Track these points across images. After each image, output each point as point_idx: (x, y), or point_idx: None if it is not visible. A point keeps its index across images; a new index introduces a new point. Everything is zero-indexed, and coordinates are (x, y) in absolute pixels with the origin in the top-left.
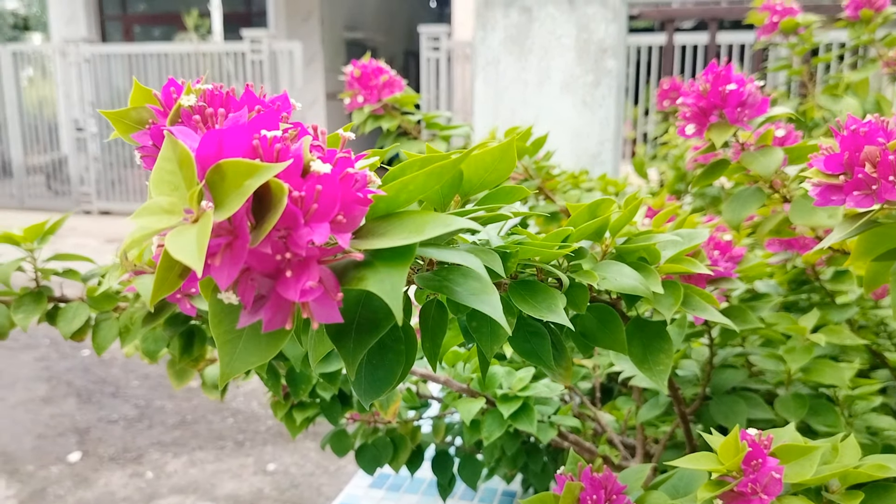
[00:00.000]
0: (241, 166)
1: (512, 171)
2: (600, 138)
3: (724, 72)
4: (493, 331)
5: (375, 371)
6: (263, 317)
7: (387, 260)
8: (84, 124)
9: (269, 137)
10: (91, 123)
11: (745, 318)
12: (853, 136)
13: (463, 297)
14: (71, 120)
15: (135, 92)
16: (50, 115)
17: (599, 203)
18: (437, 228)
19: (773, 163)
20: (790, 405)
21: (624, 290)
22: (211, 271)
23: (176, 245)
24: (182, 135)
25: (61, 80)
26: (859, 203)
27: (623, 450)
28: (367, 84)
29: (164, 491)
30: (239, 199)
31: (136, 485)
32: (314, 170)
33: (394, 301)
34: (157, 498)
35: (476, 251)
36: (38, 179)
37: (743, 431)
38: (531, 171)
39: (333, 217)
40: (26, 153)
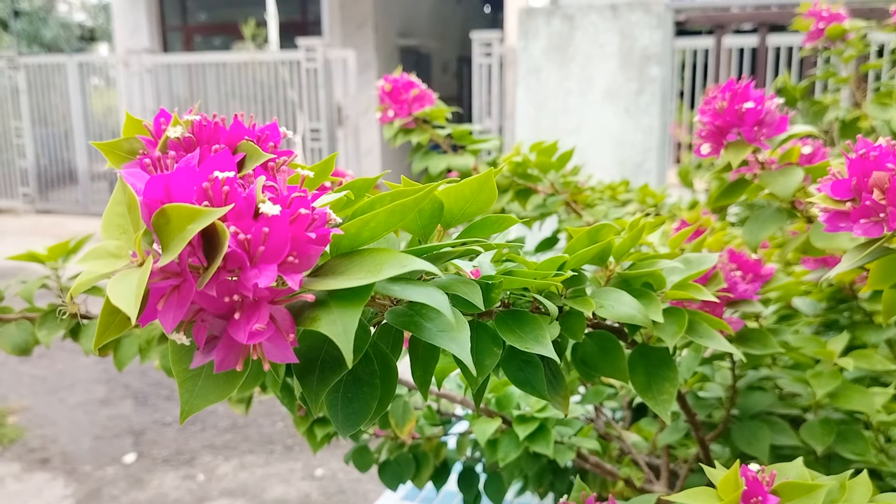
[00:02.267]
0: (184, 211)
1: (493, 202)
2: (644, 147)
3: (742, 89)
4: (479, 362)
5: (350, 404)
6: (215, 358)
7: (341, 300)
8: None
9: (221, 179)
10: None
11: (766, 342)
12: (861, 161)
13: (431, 336)
14: None
15: (126, 122)
16: (114, 123)
17: (600, 228)
18: (393, 269)
19: (793, 183)
20: (816, 432)
21: (622, 320)
22: (157, 315)
23: (116, 291)
24: (132, 177)
25: (124, 90)
26: (867, 231)
27: (648, 471)
28: (398, 98)
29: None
30: (181, 242)
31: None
32: (262, 212)
33: (344, 343)
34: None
35: (454, 283)
36: (102, 186)
37: (744, 467)
38: (558, 185)
39: (284, 258)
40: (91, 161)
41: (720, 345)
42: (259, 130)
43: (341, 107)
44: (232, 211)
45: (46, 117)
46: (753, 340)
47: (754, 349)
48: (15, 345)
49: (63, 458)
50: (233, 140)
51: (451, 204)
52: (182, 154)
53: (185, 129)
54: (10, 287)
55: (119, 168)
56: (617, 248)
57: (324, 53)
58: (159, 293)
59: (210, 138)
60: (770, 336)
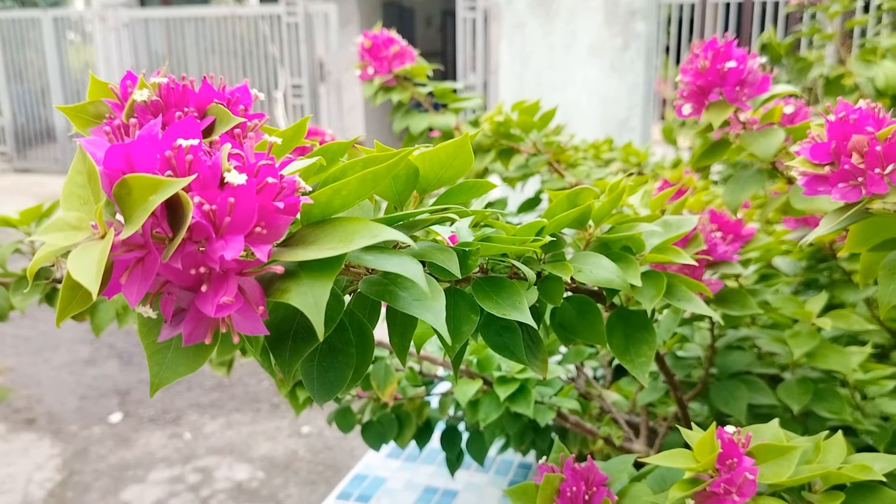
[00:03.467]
0: (145, 181)
1: (470, 168)
2: (629, 104)
3: (725, 48)
4: (456, 329)
5: (326, 373)
6: (183, 331)
7: (312, 271)
8: None
9: (185, 147)
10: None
11: (745, 303)
12: (841, 125)
13: (406, 305)
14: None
15: (92, 85)
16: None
17: (579, 192)
18: (365, 239)
19: (774, 144)
20: (794, 391)
21: (600, 284)
22: (121, 288)
23: (76, 265)
24: (93, 146)
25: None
26: (845, 195)
27: (627, 430)
28: (378, 55)
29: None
30: (143, 214)
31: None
32: (228, 181)
33: (315, 316)
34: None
35: (430, 251)
36: None
37: (720, 429)
38: (540, 145)
39: (251, 229)
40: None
41: (698, 308)
42: (229, 93)
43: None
44: (196, 180)
45: (22, 74)
46: (732, 301)
47: (733, 310)
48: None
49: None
50: (202, 103)
51: (427, 169)
52: (149, 118)
53: (153, 93)
54: None
55: (86, 132)
56: (596, 212)
57: (305, 7)
58: (123, 265)
59: (178, 101)
60: (749, 297)
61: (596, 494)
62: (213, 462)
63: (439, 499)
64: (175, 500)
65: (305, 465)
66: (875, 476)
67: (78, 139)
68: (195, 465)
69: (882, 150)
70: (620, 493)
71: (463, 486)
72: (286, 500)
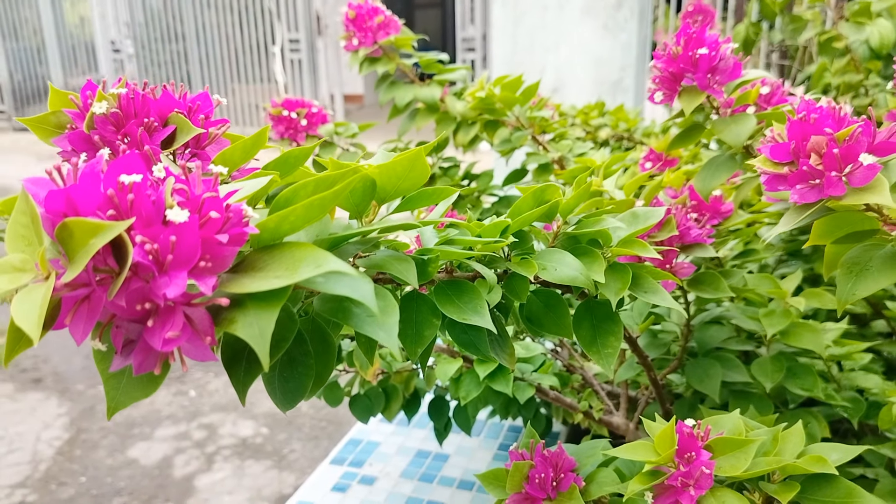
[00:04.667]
0: (86, 225)
1: (426, 179)
2: (622, 64)
3: (697, 34)
4: (417, 333)
5: (286, 383)
6: (133, 362)
7: (258, 301)
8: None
9: (128, 184)
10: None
11: (718, 285)
12: (801, 125)
13: (359, 323)
14: (108, 41)
15: (52, 96)
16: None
17: (545, 189)
18: (309, 269)
19: (745, 131)
20: (767, 368)
21: (563, 282)
22: (67, 326)
23: (19, 310)
24: (36, 186)
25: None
26: (803, 196)
27: (608, 403)
28: (362, 25)
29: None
30: (85, 257)
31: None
32: (170, 219)
33: (261, 347)
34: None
35: (388, 262)
36: None
37: (680, 423)
38: (523, 120)
39: (195, 264)
40: (66, 75)
41: (664, 300)
42: (190, 100)
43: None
44: (139, 218)
45: (17, 31)
46: (706, 284)
47: (706, 293)
48: None
49: (55, 378)
50: (163, 112)
51: (384, 181)
52: (109, 129)
53: (112, 104)
54: None
55: (48, 142)
56: (563, 207)
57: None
58: (70, 302)
59: (139, 111)
60: (721, 280)
61: (564, 480)
62: (217, 419)
63: (431, 462)
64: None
65: (308, 420)
66: (828, 469)
67: (22, 180)
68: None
69: (840, 152)
70: (588, 478)
71: (454, 449)
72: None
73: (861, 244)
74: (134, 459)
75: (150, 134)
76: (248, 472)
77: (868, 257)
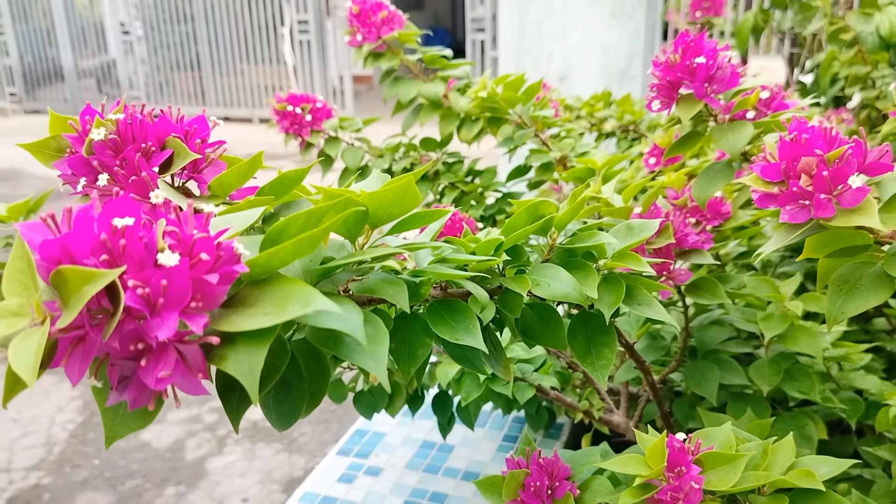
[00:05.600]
0: (79, 273)
1: (417, 205)
2: (630, 52)
3: (695, 42)
4: (411, 353)
5: (281, 406)
6: (128, 397)
7: (248, 338)
8: (130, 27)
9: (120, 229)
10: (137, 26)
11: (715, 291)
12: (792, 145)
13: (349, 353)
14: (117, 23)
15: (52, 121)
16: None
17: (539, 205)
18: (297, 307)
19: (741, 140)
20: (764, 371)
21: (557, 298)
22: (63, 367)
23: (15, 355)
24: (32, 231)
25: None
26: (793, 217)
27: (609, 401)
28: (366, 21)
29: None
30: (79, 303)
31: None
32: (161, 263)
33: (250, 383)
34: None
35: (380, 286)
36: (89, 83)
37: (671, 436)
38: (526, 118)
39: (186, 305)
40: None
41: (658, 314)
42: (187, 124)
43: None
44: (131, 262)
45: (27, 13)
46: (703, 290)
47: (704, 298)
48: None
49: None
50: (161, 135)
51: (376, 208)
52: (108, 154)
53: (110, 130)
54: None
55: (49, 165)
56: (558, 221)
57: None
58: (66, 343)
59: (137, 135)
60: (719, 286)
61: (559, 488)
62: None
63: (436, 453)
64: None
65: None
66: (816, 484)
67: (16, 225)
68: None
69: (829, 174)
70: (582, 486)
71: (459, 440)
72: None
73: (852, 261)
74: (147, 442)
75: (147, 158)
76: (259, 455)
77: (858, 275)
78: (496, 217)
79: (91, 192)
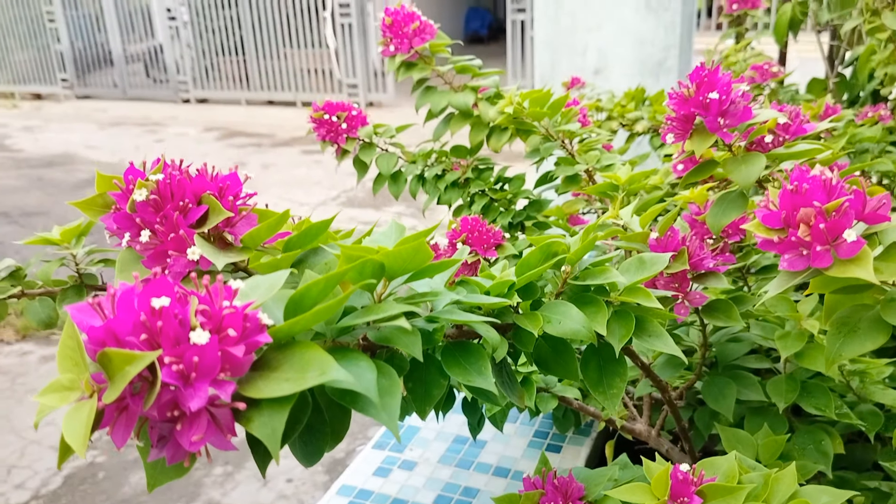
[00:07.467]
0: (122, 356)
1: (429, 261)
2: (665, 44)
3: (709, 77)
4: (426, 392)
5: (306, 447)
6: (166, 454)
7: (271, 402)
8: (176, 12)
9: (157, 309)
10: (182, 11)
11: (731, 314)
12: (792, 196)
13: (364, 407)
14: (163, 8)
15: (98, 179)
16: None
17: (551, 244)
18: (314, 376)
19: (754, 172)
20: (781, 387)
21: (567, 336)
22: (109, 433)
23: (69, 426)
24: (81, 314)
25: None
26: (792, 265)
27: (632, 409)
28: (399, 32)
29: None
30: (122, 381)
31: None
32: (193, 341)
33: (273, 444)
34: None
35: (394, 335)
36: (137, 68)
37: (675, 466)
38: (552, 132)
39: (215, 376)
40: (124, 42)
41: (667, 347)
42: (221, 180)
43: None
44: (167, 340)
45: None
46: (720, 311)
47: (720, 320)
48: (40, 320)
49: None
50: (197, 192)
51: (392, 263)
52: (149, 212)
53: (150, 190)
54: (30, 265)
55: (96, 219)
56: (570, 257)
57: None
58: (111, 412)
59: (175, 193)
60: (734, 308)
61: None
62: None
63: (468, 448)
64: None
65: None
66: None
67: (67, 307)
68: None
69: (826, 226)
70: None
71: (491, 435)
72: None
73: (852, 304)
74: None
75: (185, 215)
76: None
77: (857, 318)
78: (525, 223)
79: (135, 245)
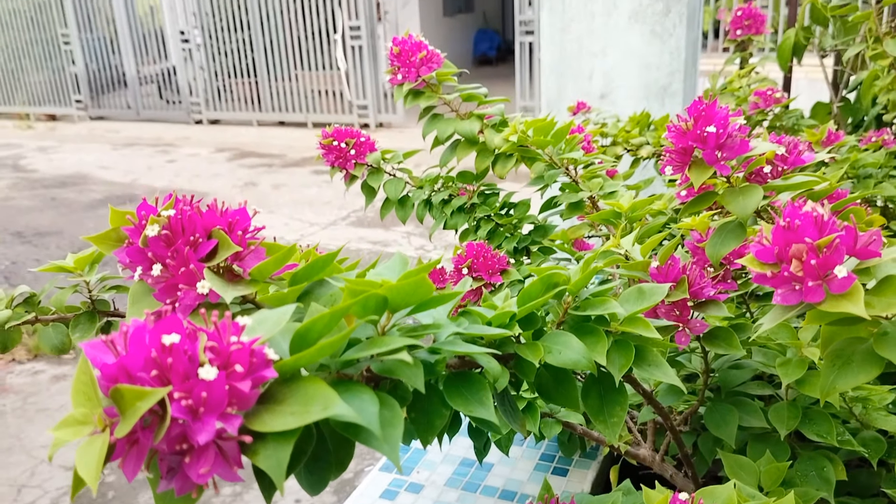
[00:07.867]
0: (133, 392)
1: (430, 295)
2: (670, 69)
3: (707, 110)
4: (429, 423)
5: (311, 475)
6: (175, 486)
7: (276, 436)
8: (189, 35)
9: (167, 346)
10: (195, 34)
11: (731, 342)
12: (784, 232)
13: (366, 439)
14: (177, 31)
15: (112, 215)
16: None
17: (552, 276)
18: (317, 410)
19: (752, 204)
20: (783, 414)
21: (567, 366)
22: (120, 466)
23: (81, 459)
24: (94, 350)
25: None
26: (785, 299)
27: (636, 434)
28: (406, 61)
29: None
30: (133, 417)
31: None
32: (202, 377)
33: (277, 476)
34: None
35: (397, 367)
36: (151, 90)
37: (675, 495)
38: (556, 159)
39: (223, 410)
40: (138, 64)
41: (667, 376)
42: (230, 215)
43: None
44: (177, 376)
45: (91, 22)
46: (720, 339)
47: (720, 348)
48: (53, 346)
49: None
50: (207, 226)
51: (394, 297)
52: (161, 246)
53: (162, 225)
54: (44, 292)
55: (109, 252)
56: (571, 287)
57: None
58: (123, 445)
59: (186, 228)
60: (734, 336)
61: None
62: None
63: (475, 471)
64: None
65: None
66: None
67: (81, 344)
68: None
69: (818, 262)
70: None
71: (497, 458)
72: None
73: (847, 336)
74: None
75: (195, 249)
76: None
77: (851, 351)
78: (530, 248)
79: (147, 278)
